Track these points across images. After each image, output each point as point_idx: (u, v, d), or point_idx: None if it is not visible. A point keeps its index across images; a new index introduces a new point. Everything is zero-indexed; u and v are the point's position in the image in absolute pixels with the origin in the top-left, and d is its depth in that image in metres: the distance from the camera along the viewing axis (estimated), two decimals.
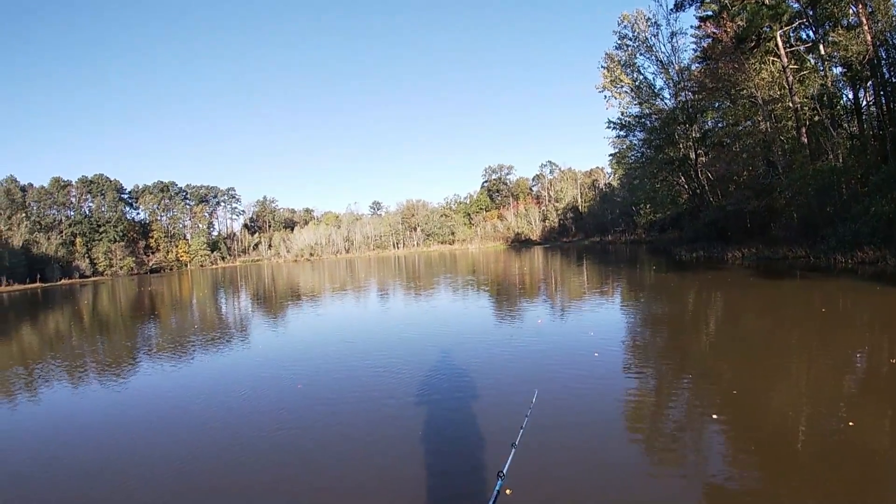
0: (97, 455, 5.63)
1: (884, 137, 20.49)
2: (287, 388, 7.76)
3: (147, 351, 12.17)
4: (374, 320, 15.15)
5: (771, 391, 6.12)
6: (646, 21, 34.69)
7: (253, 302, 24.31)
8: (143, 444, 5.82)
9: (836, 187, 20.43)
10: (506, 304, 16.04)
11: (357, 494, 4.32)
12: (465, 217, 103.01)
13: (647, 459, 4.57)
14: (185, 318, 19.30)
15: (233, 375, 8.83)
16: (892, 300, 11.67)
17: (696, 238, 31.97)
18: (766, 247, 22.55)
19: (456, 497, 4.15)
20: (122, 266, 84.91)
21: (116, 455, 5.55)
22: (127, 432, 6.29)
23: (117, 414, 7.09)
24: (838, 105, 24.46)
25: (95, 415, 7.13)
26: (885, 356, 7.28)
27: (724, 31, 25.04)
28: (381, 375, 7.95)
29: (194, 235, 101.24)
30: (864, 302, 11.80)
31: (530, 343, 9.59)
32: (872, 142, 21.14)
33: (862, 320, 10.22)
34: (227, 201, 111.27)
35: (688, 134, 33.76)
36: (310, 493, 4.40)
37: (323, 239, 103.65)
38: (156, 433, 6.19)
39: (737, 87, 25.58)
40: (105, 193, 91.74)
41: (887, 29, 20.57)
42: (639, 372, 7.41)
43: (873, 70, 21.05)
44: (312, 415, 6.43)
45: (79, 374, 9.78)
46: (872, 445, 4.39)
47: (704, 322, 11.37)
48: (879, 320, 9.99)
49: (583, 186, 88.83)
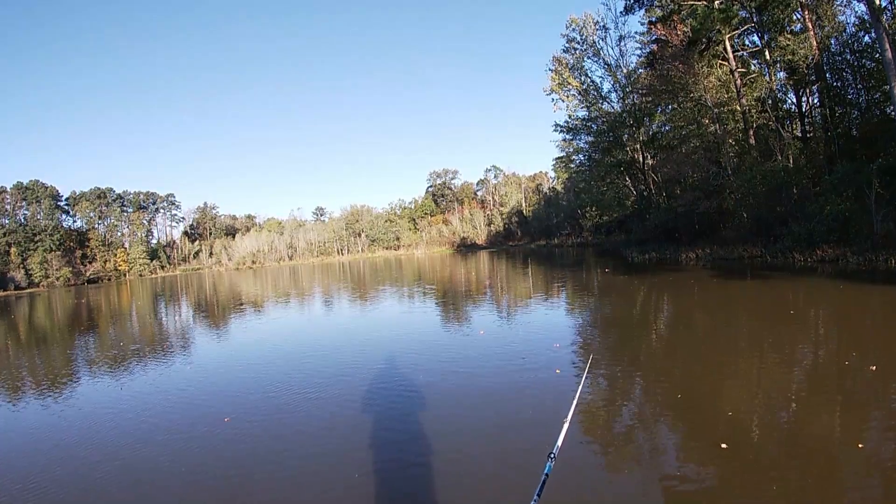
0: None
1: (830, 139, 20.94)
2: (214, 421, 6.23)
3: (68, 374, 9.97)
4: (315, 339, 13.39)
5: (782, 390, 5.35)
6: (594, 24, 34.81)
7: (194, 317, 21.80)
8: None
9: (787, 187, 20.65)
10: (455, 314, 14.82)
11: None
12: (410, 222, 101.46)
13: (602, 460, 4.48)
14: (124, 333, 16.98)
15: (150, 410, 7.04)
16: (857, 297, 11.49)
17: (645, 240, 32.09)
18: (720, 247, 22.58)
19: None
20: (59, 277, 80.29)
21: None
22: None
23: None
24: (781, 108, 25.07)
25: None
26: (846, 352, 7.17)
27: (674, 33, 25.09)
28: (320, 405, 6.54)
29: (133, 244, 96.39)
30: (832, 300, 11.54)
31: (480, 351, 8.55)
32: (823, 143, 21.59)
33: (831, 318, 10.00)
34: (167, 208, 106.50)
35: (635, 137, 34.05)
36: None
37: (265, 246, 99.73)
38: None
39: (686, 89, 25.72)
40: (41, 200, 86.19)
41: (832, 34, 21.09)
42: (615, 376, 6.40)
43: (819, 74, 21.53)
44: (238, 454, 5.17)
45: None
46: (828, 442, 4.41)
47: (683, 324, 10.58)
48: (847, 317, 9.81)
49: (527, 191, 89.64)
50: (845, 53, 21.55)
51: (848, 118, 22.12)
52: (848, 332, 8.51)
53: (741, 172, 23.13)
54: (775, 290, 13.74)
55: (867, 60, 20.77)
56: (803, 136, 24.21)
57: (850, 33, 21.49)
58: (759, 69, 24.96)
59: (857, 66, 21.22)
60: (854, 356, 6.68)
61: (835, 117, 21.63)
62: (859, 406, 5.18)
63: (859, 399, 5.38)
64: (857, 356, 6.63)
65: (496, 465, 4.46)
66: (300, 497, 4.23)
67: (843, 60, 21.67)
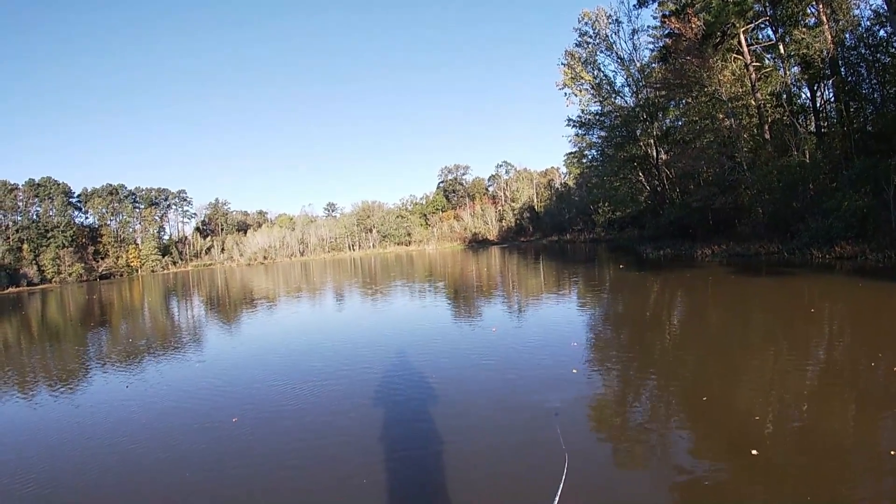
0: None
1: (847, 134, 20.86)
2: (224, 421, 6.44)
3: (89, 368, 10.36)
4: (325, 336, 13.30)
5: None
6: (607, 18, 34.75)
7: (205, 313, 22.19)
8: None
9: (804, 183, 20.63)
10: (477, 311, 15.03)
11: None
12: (422, 218, 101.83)
13: (615, 459, 4.57)
14: (134, 329, 17.33)
15: (159, 405, 7.29)
16: (878, 295, 11.54)
17: (659, 236, 32.09)
18: (736, 243, 22.62)
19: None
20: (71, 273, 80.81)
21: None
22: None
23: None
24: (795, 103, 24.96)
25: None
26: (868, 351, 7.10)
27: (688, 26, 25.04)
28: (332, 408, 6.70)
29: (145, 240, 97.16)
30: (852, 298, 11.64)
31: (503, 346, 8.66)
32: (839, 138, 21.51)
33: (852, 316, 10.05)
34: (179, 204, 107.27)
35: (649, 131, 33.96)
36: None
37: (277, 242, 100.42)
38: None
39: (700, 83, 25.66)
40: (53, 197, 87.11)
41: (847, 28, 20.96)
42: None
43: (834, 68, 21.43)
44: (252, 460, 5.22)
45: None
46: (845, 443, 4.41)
47: (703, 323, 10.71)
48: (867, 315, 9.83)
49: (538, 186, 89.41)
50: (860, 48, 21.39)
51: (863, 113, 22.01)
52: (870, 331, 8.47)
53: (757, 168, 23.11)
54: (795, 287, 13.84)
55: (882, 55, 20.64)
56: (818, 131, 24.09)
57: (864, 27, 21.37)
58: (774, 63, 24.83)
59: (872, 61, 21.07)
60: (880, 357, 6.52)
61: (850, 112, 21.53)
62: (886, 408, 5.07)
63: (885, 400, 5.28)
64: (884, 357, 6.48)
65: (512, 465, 4.52)
66: (310, 498, 4.31)
67: (857, 55, 21.52)
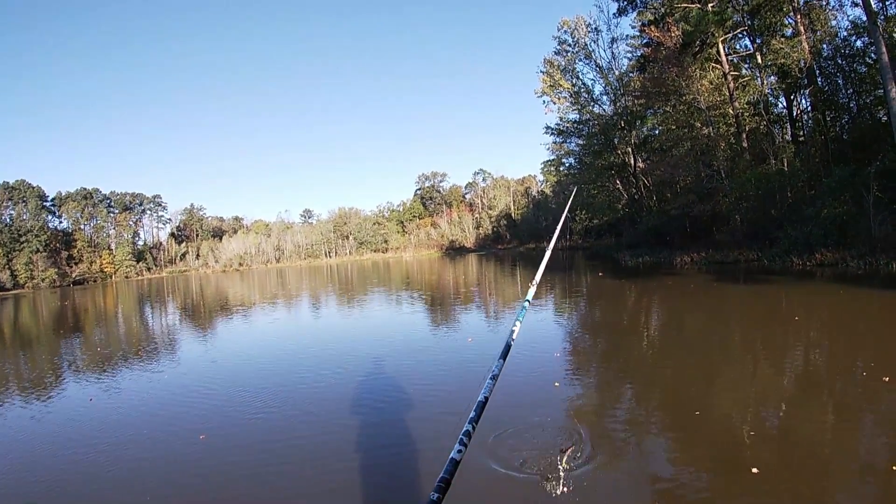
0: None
1: (824, 142, 20.98)
2: (188, 438, 5.72)
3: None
4: (300, 347, 12.65)
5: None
6: (586, 27, 34.79)
7: (177, 321, 21.06)
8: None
9: (782, 191, 20.62)
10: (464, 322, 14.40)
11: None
12: (399, 225, 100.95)
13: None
14: (106, 338, 16.06)
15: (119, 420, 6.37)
16: (858, 302, 11.33)
17: (637, 243, 32.02)
18: (715, 251, 22.48)
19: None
20: (45, 278, 79.04)
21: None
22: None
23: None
24: (772, 112, 25.14)
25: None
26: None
27: (668, 35, 25.05)
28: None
29: (119, 245, 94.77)
30: (834, 305, 11.38)
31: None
32: (818, 147, 21.63)
33: (834, 323, 9.74)
34: (153, 209, 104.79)
35: (627, 139, 33.99)
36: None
37: (252, 248, 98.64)
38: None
39: (679, 92, 25.68)
40: (27, 200, 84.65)
41: (825, 39, 21.13)
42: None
43: (811, 78, 21.57)
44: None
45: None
46: (825, 449, 4.25)
47: (691, 331, 10.20)
48: (850, 323, 9.52)
49: (515, 194, 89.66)
50: (837, 58, 21.61)
51: (839, 123, 22.22)
52: (851, 337, 8.26)
53: (735, 175, 23.12)
54: (777, 294, 13.54)
55: (859, 65, 20.85)
56: (794, 139, 24.28)
57: (842, 38, 21.61)
58: (752, 73, 24.99)
59: (849, 71, 21.29)
60: (872, 366, 6.19)
61: (826, 122, 21.69)
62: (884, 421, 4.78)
63: (875, 411, 5.01)
64: (874, 366, 6.17)
65: (489, 481, 4.03)
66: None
67: (834, 65, 21.75)
